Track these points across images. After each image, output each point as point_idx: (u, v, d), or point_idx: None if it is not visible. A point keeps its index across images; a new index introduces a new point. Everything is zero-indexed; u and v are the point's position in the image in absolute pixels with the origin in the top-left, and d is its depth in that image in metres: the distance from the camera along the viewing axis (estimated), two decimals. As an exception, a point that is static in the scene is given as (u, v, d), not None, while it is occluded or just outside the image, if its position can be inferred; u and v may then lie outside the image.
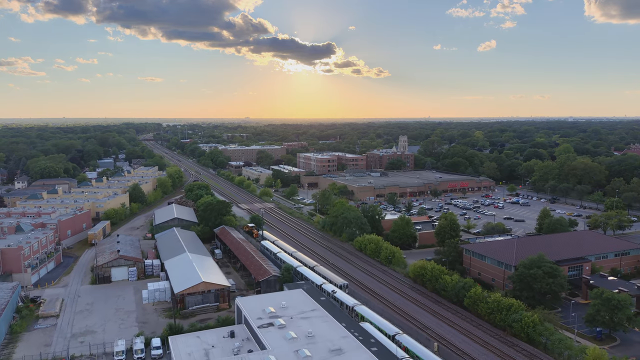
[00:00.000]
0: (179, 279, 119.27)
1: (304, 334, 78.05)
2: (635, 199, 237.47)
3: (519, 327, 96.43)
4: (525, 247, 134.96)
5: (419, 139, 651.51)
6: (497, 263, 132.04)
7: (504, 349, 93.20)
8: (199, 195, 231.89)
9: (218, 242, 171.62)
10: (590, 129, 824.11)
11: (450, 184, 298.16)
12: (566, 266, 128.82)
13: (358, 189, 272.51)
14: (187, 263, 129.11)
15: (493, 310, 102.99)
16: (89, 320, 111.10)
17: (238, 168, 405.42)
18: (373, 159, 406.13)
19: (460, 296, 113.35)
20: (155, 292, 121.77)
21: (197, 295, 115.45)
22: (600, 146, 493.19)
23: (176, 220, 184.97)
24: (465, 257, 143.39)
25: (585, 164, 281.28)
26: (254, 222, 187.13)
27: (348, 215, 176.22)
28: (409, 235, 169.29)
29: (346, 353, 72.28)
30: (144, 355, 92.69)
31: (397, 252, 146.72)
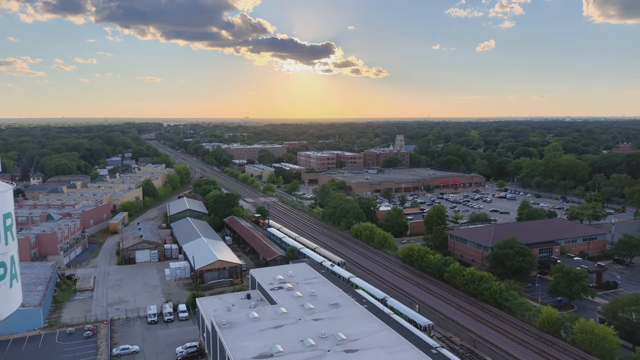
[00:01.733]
0: (198, 258, 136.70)
1: (308, 293, 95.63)
2: (614, 192, 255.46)
3: (488, 294, 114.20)
4: (501, 232, 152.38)
5: (416, 138, 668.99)
6: (476, 246, 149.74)
7: (475, 310, 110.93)
8: (207, 190, 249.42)
9: (228, 230, 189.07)
10: (585, 128, 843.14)
11: (442, 180, 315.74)
12: (537, 248, 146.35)
13: (356, 184, 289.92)
14: (203, 246, 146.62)
15: (468, 281, 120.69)
16: (121, 292, 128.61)
17: (241, 166, 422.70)
18: (370, 157, 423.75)
19: (441, 271, 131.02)
20: (176, 270, 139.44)
21: (213, 271, 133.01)
22: (591, 145, 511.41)
23: (188, 212, 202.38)
24: (450, 242, 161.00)
25: (569, 161, 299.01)
26: (259, 212, 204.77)
27: (346, 206, 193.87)
28: (401, 224, 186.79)
29: (342, 307, 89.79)
30: (173, 318, 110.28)
31: (389, 237, 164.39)
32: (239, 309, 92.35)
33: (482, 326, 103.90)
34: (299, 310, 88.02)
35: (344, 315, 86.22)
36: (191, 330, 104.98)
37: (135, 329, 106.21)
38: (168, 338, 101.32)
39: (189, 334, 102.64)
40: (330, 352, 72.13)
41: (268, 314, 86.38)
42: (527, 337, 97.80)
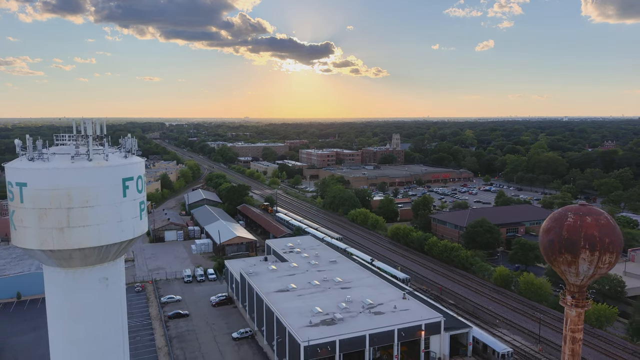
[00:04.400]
0: (220, 235, 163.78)
1: (313, 255, 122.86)
2: (586, 185, 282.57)
3: (457, 260, 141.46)
4: (476, 214, 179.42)
5: (413, 137, 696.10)
6: (453, 226, 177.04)
7: (446, 272, 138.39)
8: (218, 183, 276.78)
9: (240, 216, 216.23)
10: (578, 128, 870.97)
11: (433, 175, 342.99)
12: (505, 228, 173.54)
13: (353, 179, 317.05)
14: (223, 226, 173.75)
15: (442, 251, 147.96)
16: (157, 262, 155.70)
17: (246, 163, 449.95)
18: (368, 154, 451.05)
19: (422, 245, 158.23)
20: (201, 246, 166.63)
21: (233, 246, 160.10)
22: (578, 143, 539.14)
23: (205, 200, 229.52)
24: (433, 224, 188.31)
25: (549, 158, 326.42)
26: (268, 201, 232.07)
27: (344, 195, 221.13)
28: (392, 210, 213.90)
29: (339, 263, 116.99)
30: (204, 278, 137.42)
31: (381, 220, 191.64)
32: (260, 266, 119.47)
33: (450, 282, 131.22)
34: (306, 265, 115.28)
35: (340, 268, 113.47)
36: (219, 287, 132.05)
37: (175, 286, 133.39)
38: (202, 292, 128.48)
39: (218, 290, 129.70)
40: (330, 289, 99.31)
41: (282, 267, 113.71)
42: (483, 289, 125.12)
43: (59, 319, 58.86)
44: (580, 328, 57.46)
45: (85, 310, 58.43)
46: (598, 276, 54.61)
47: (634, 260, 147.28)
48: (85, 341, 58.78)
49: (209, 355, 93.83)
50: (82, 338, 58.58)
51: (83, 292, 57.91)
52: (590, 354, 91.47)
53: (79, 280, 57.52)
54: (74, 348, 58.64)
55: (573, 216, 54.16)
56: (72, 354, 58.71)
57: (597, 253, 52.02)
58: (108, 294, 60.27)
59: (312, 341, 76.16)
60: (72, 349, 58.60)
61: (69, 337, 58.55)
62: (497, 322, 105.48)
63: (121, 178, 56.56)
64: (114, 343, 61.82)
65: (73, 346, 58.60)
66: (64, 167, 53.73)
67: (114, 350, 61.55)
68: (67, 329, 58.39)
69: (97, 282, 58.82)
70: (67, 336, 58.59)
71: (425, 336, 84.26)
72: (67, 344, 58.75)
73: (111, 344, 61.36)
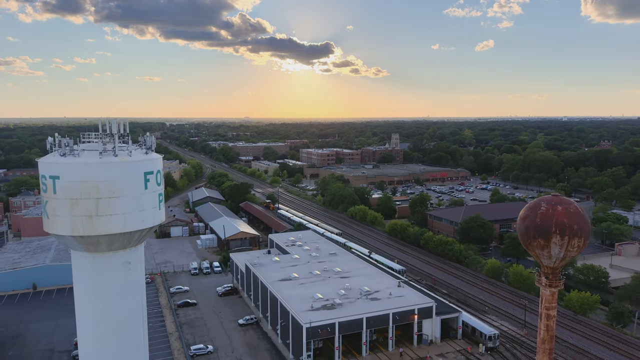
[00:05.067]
0: (224, 231, 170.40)
1: (313, 248, 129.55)
2: (580, 184, 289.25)
3: (451, 253, 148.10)
4: (470, 211, 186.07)
5: (412, 137, 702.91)
6: (449, 222, 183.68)
7: (440, 264, 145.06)
8: (221, 181, 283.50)
9: (243, 213, 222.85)
10: (576, 128, 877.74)
11: (431, 174, 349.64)
12: (498, 224, 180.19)
13: (353, 177, 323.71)
14: (227, 222, 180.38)
15: (437, 245, 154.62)
16: (164, 256, 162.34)
17: (247, 162, 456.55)
18: (367, 153, 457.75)
19: (418, 239, 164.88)
20: (206, 241, 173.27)
21: (237, 240, 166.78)
22: (575, 143, 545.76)
23: (208, 198, 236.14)
24: (429, 220, 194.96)
25: (545, 157, 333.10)
26: (269, 199, 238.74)
27: (343, 193, 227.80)
28: (390, 207, 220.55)
29: (338, 255, 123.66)
30: (209, 271, 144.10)
31: (379, 216, 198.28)
32: (263, 258, 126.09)
33: (444, 274, 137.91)
34: (307, 256, 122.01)
35: (340, 260, 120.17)
36: (224, 279, 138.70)
37: (182, 278, 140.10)
38: (208, 283, 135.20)
39: (223, 281, 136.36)
40: (330, 278, 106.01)
41: (285, 259, 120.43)
42: (475, 280, 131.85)
43: (86, 299, 65.87)
44: (554, 306, 64.13)
45: (110, 291, 65.44)
46: (569, 259, 61.26)
47: (620, 254, 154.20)
48: (110, 319, 65.82)
49: (218, 340, 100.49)
50: (107, 316, 65.60)
51: (108, 274, 64.96)
52: (574, 337, 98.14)
53: (105, 264, 64.52)
54: (99, 325, 65.68)
55: (546, 205, 60.88)
56: (98, 331, 65.76)
57: (567, 238, 58.68)
58: (130, 276, 67.27)
59: (313, 323, 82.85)
60: (98, 326, 65.65)
61: (95, 315, 65.55)
62: (486, 309, 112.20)
63: (143, 172, 63.55)
64: (135, 320, 68.82)
65: (99, 324, 65.66)
66: (93, 162, 60.83)
67: (135, 327, 68.54)
68: (93, 309, 65.37)
69: (121, 266, 65.79)
70: (94, 315, 65.58)
71: (418, 320, 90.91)
72: (94, 321, 65.75)
73: (133, 322, 68.35)
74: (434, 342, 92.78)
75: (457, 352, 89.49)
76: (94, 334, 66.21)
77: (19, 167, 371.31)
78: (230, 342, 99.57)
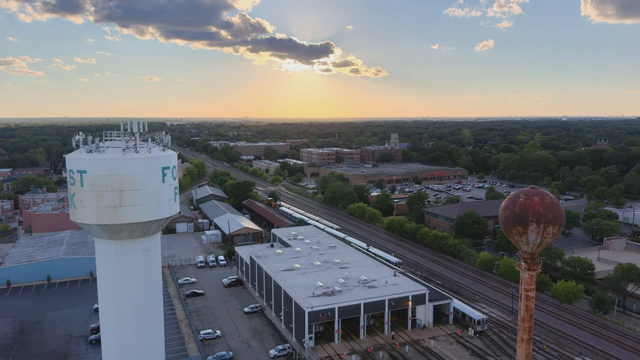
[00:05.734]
0: (228, 226, 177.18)
1: (314, 241, 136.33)
2: (575, 182, 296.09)
3: (446, 247, 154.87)
4: (465, 208, 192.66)
5: (412, 136, 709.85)
6: (445, 218, 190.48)
7: (435, 258, 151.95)
8: (223, 180, 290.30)
9: (246, 210, 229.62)
10: (575, 127, 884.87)
11: (430, 173, 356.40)
12: (492, 220, 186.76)
13: (352, 176, 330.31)
14: (231, 218, 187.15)
15: (433, 239, 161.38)
16: (171, 250, 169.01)
17: (249, 161, 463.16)
18: (367, 153, 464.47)
19: (415, 235, 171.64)
20: (211, 236, 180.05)
21: (241, 236, 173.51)
22: (572, 142, 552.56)
23: (212, 196, 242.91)
24: (426, 217, 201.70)
25: (541, 156, 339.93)
26: (271, 196, 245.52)
27: (343, 191, 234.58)
28: (388, 205, 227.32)
29: (338, 248, 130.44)
30: (215, 264, 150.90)
31: (377, 213, 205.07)
32: (267, 251, 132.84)
33: (438, 266, 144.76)
34: (309, 249, 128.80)
35: (339, 252, 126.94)
36: (229, 271, 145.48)
37: (189, 270, 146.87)
38: (214, 275, 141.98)
39: (228, 273, 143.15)
40: (330, 268, 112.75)
41: (287, 251, 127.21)
42: (468, 272, 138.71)
43: (109, 282, 73.01)
44: (533, 288, 70.80)
45: (130, 275, 72.53)
46: (545, 245, 67.92)
47: (608, 248, 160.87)
48: (129, 300, 72.91)
49: (225, 326, 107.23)
50: (127, 298, 72.72)
51: (129, 260, 72.09)
52: (558, 323, 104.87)
53: (126, 250, 71.63)
54: (120, 306, 72.79)
55: (524, 196, 67.52)
56: (119, 311, 72.82)
57: (542, 225, 65.35)
58: (148, 261, 74.40)
59: (315, 308, 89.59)
60: (119, 306, 72.75)
61: (117, 296, 72.67)
62: (476, 298, 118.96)
63: (161, 167, 70.70)
64: (152, 302, 75.96)
65: (120, 304, 72.81)
66: (117, 158, 67.93)
67: (152, 308, 75.63)
68: (115, 290, 72.53)
69: (141, 252, 72.88)
70: (116, 296, 72.70)
71: (412, 306, 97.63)
72: (115, 302, 72.87)
73: (150, 302, 75.49)
74: (427, 326, 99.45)
75: (448, 335, 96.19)
76: (115, 314, 73.37)
77: (24, 167, 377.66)
78: (237, 328, 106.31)
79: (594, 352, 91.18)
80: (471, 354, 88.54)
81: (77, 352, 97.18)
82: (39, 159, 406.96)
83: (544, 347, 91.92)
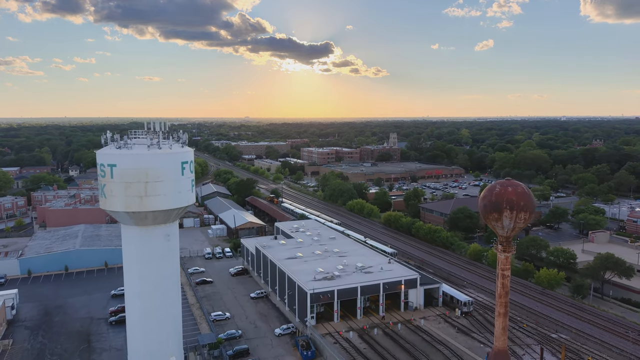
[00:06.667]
0: (234, 221, 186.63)
1: (315, 233, 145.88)
2: (567, 180, 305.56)
3: (439, 240, 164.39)
4: (459, 204, 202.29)
5: (411, 136, 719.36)
6: (439, 214, 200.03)
7: (429, 249, 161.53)
8: (227, 178, 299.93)
9: (249, 206, 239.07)
10: (572, 127, 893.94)
11: (427, 171, 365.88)
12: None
13: (352, 174, 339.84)
14: (236, 213, 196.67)
15: (427, 233, 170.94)
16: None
17: (250, 160, 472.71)
18: (366, 152, 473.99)
19: (410, 228, 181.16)
20: (217, 230, 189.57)
21: (245, 229, 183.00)
22: (568, 142, 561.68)
23: (216, 193, 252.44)
24: (422, 213, 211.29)
25: (535, 155, 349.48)
26: (274, 193, 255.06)
27: (343, 188, 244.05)
28: (386, 201, 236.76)
29: (337, 239, 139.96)
30: (222, 255, 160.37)
31: (375, 209, 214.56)
32: (271, 242, 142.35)
33: (431, 257, 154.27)
34: (310, 240, 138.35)
35: (338, 243, 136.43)
36: (235, 262, 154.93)
37: (198, 261, 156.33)
38: (221, 266, 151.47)
39: (234, 264, 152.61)
40: (330, 256, 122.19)
41: (290, 242, 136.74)
42: (459, 262, 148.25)
43: (134, 264, 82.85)
44: (508, 267, 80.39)
45: (153, 258, 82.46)
46: (518, 229, 77.46)
47: (593, 241, 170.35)
48: (152, 279, 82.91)
49: (233, 309, 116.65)
50: (149, 277, 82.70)
51: (152, 244, 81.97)
52: (540, 307, 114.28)
53: (150, 235, 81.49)
54: (143, 284, 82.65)
55: (499, 187, 77.07)
56: (142, 289, 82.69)
57: (515, 212, 74.88)
58: (169, 245, 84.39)
59: (316, 290, 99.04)
60: (142, 285, 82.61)
61: (141, 276, 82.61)
62: (464, 284, 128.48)
63: (180, 161, 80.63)
64: (172, 282, 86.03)
65: (144, 281, 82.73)
66: (143, 153, 77.68)
67: (171, 287, 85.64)
68: (139, 270, 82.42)
69: (162, 237, 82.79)
70: (140, 276, 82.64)
71: (405, 289, 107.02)
72: (139, 281, 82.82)
73: (170, 283, 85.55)
74: (418, 308, 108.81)
75: (437, 315, 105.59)
76: (139, 292, 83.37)
77: (31, 165, 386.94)
78: (244, 311, 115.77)
79: (569, 330, 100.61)
80: (457, 331, 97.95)
81: (99, 331, 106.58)
82: (45, 158, 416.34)
83: (524, 326, 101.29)
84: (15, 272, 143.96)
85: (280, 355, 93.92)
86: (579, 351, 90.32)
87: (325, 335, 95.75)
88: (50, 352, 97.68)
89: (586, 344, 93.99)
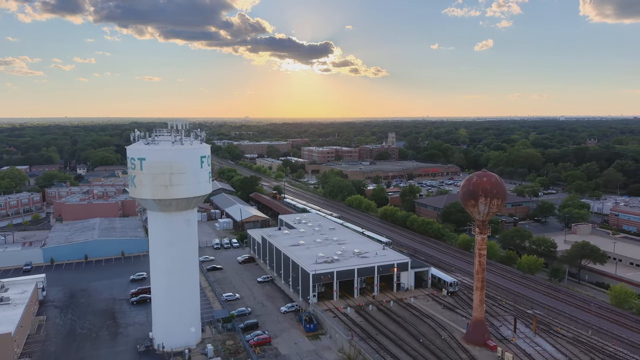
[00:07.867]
0: (240, 214, 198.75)
1: (316, 224, 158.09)
2: (557, 177, 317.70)
3: (432, 231, 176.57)
4: (452, 199, 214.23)
5: (409, 136, 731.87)
6: (433, 208, 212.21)
7: (422, 240, 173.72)
8: (230, 175, 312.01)
9: (253, 202, 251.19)
10: (569, 127, 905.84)
11: (424, 170, 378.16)
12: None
13: (351, 173, 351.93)
14: (242, 208, 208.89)
15: (420, 225, 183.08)
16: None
17: (252, 159, 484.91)
18: (365, 151, 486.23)
19: (405, 221, 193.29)
20: (223, 224, 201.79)
21: (250, 222, 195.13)
22: (564, 141, 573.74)
23: (221, 189, 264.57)
24: (417, 207, 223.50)
25: (528, 154, 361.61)
26: (276, 190, 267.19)
27: (342, 184, 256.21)
28: (383, 197, 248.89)
29: (337, 230, 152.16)
30: (229, 246, 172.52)
31: (372, 204, 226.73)
32: (275, 232, 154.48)
33: (424, 247, 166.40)
34: (311, 230, 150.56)
35: (337, 233, 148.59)
36: (242, 251, 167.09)
37: (207, 251, 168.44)
38: (229, 255, 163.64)
39: (241, 253, 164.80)
40: (329, 244, 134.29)
41: (293, 232, 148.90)
42: (449, 251, 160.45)
43: (159, 245, 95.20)
44: (484, 247, 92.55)
45: (175, 240, 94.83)
46: (492, 214, 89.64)
47: (575, 232, 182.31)
48: (175, 259, 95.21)
49: (242, 292, 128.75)
50: (173, 257, 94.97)
51: (175, 228, 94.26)
52: (519, 288, 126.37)
53: (173, 220, 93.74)
54: (168, 263, 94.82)
55: (476, 178, 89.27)
56: (167, 267, 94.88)
57: (489, 199, 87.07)
58: (189, 229, 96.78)
59: (317, 271, 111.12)
60: (167, 263, 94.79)
61: (166, 256, 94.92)
62: (452, 269, 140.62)
63: (199, 156, 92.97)
64: (192, 260, 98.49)
65: (167, 262, 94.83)
66: (168, 148, 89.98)
67: (191, 265, 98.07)
68: (164, 251, 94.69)
69: (183, 222, 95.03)
70: (165, 255, 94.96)
71: (397, 272, 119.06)
72: (164, 260, 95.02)
73: (190, 261, 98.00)
74: (409, 289, 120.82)
75: (426, 295, 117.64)
76: (164, 269, 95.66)
77: (39, 164, 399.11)
78: (252, 293, 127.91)
79: (543, 307, 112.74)
80: (443, 308, 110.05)
81: (122, 310, 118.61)
82: (52, 157, 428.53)
83: (503, 304, 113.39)
84: (39, 260, 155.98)
85: (286, 329, 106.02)
86: (550, 324, 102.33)
87: (326, 311, 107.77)
88: (80, 326, 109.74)
89: (558, 319, 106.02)
